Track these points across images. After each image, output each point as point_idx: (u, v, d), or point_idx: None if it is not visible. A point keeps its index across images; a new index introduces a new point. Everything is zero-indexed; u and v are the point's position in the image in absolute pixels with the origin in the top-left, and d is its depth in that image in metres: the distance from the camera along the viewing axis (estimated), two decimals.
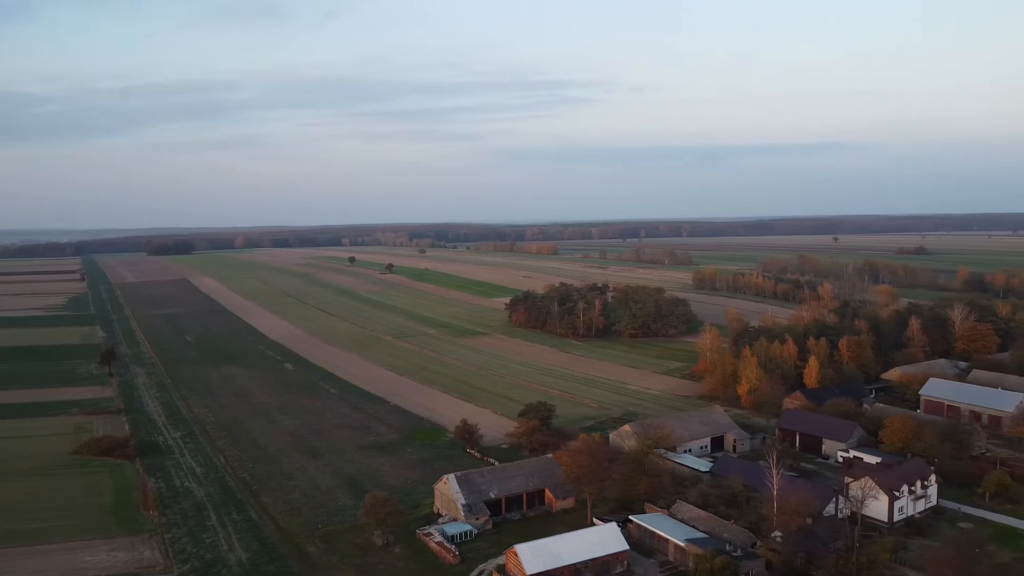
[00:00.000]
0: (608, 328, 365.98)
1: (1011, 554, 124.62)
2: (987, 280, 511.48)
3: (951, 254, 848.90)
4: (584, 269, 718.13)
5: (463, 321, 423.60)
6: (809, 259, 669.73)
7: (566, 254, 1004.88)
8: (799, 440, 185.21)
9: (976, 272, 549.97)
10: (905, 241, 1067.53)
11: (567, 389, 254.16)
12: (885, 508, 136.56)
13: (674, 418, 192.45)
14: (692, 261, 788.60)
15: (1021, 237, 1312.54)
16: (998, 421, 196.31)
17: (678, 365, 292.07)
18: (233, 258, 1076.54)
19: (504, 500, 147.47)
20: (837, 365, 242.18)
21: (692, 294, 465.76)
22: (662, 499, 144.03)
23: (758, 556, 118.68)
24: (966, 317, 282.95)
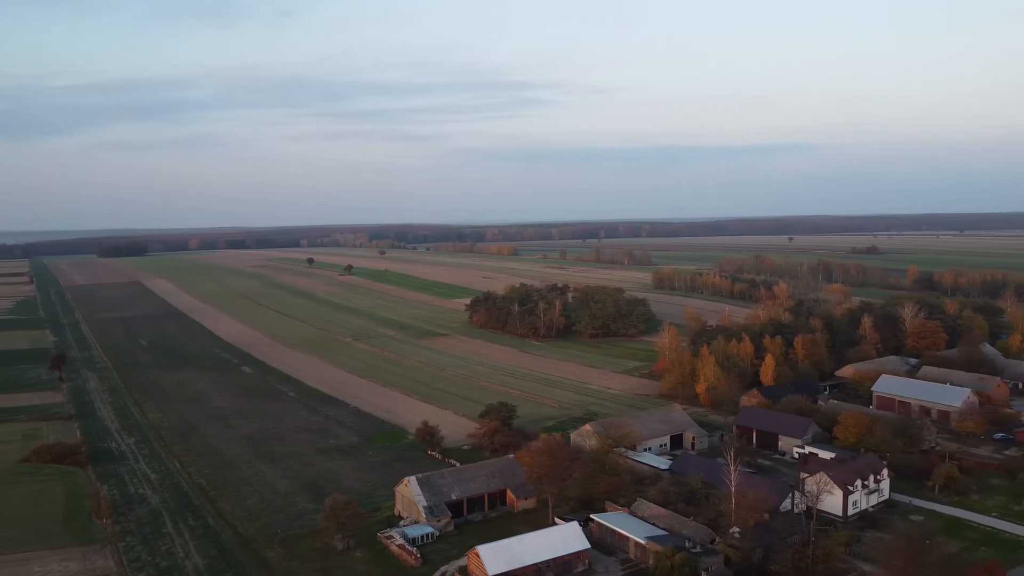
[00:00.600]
0: (568, 328, 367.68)
1: (959, 544, 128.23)
2: (936, 279, 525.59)
3: (901, 254, 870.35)
4: (544, 270, 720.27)
5: (423, 322, 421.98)
6: (765, 259, 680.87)
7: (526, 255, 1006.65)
8: (756, 437, 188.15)
9: (925, 271, 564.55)
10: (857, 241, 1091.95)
11: (528, 389, 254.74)
12: (840, 502, 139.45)
13: (634, 417, 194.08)
14: (651, 261, 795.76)
15: (967, 237, 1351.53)
16: (947, 416, 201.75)
17: (638, 364, 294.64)
18: (188, 260, 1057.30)
19: (466, 501, 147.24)
20: (792, 363, 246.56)
21: (651, 294, 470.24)
22: (623, 497, 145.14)
23: (717, 552, 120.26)
24: (916, 315, 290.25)
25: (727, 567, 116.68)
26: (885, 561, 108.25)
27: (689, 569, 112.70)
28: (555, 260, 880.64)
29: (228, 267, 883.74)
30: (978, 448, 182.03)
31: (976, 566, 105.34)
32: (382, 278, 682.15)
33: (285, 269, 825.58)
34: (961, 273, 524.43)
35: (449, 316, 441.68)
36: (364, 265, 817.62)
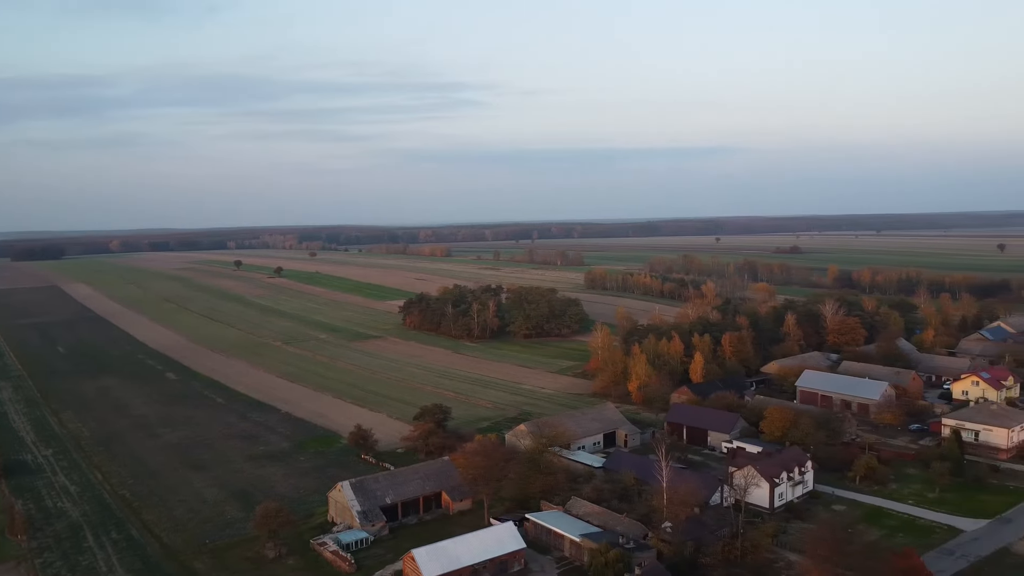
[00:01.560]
0: (502, 329, 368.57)
1: (878, 532, 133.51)
2: (854, 277, 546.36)
3: (822, 253, 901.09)
4: (478, 271, 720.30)
5: (356, 325, 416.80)
6: (693, 259, 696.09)
7: (459, 256, 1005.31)
8: (686, 433, 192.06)
9: (845, 270, 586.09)
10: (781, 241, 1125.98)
11: (462, 391, 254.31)
12: (766, 495, 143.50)
13: (568, 416, 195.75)
14: (583, 262, 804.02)
15: (884, 237, 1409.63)
16: (866, 409, 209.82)
17: (571, 364, 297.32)
18: (108, 263, 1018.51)
19: (400, 505, 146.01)
20: (720, 360, 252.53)
21: (584, 294, 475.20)
22: (557, 496, 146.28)
23: (650, 547, 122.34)
24: (836, 312, 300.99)
25: (659, 561, 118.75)
26: (810, 550, 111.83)
27: (623, 565, 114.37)
28: (489, 261, 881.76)
29: (151, 270, 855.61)
30: (895, 439, 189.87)
31: (894, 552, 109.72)
32: (313, 280, 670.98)
33: (211, 272, 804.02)
34: (878, 271, 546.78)
35: (382, 318, 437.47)
36: (294, 267, 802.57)
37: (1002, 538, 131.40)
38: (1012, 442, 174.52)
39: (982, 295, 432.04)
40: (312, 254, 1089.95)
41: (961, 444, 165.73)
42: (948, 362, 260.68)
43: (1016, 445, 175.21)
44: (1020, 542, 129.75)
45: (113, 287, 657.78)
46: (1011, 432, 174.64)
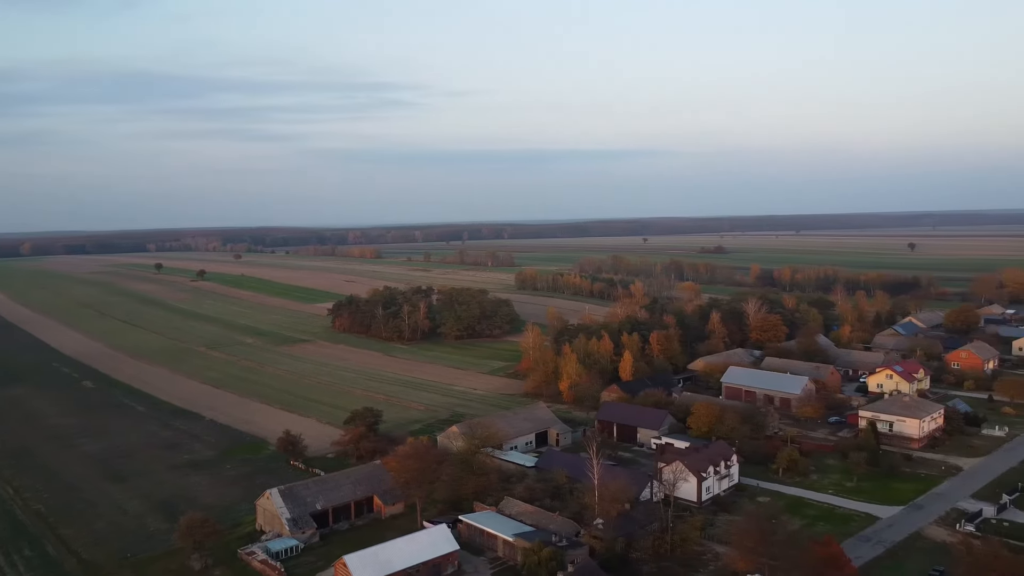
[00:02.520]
0: (434, 330, 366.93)
1: (800, 521, 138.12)
2: (775, 275, 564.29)
3: (745, 253, 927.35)
4: (408, 272, 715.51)
5: (284, 328, 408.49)
6: (622, 259, 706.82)
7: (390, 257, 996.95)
8: (616, 430, 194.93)
9: (766, 269, 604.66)
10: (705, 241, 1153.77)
11: (394, 393, 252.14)
12: (694, 489, 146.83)
13: (500, 416, 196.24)
14: (514, 262, 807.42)
15: (803, 236, 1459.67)
16: (788, 403, 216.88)
17: (503, 364, 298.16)
18: (19, 267, 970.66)
19: (332, 511, 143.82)
20: (649, 358, 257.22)
21: (515, 295, 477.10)
22: (490, 497, 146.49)
23: (582, 544, 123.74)
24: (759, 310, 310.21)
25: (592, 558, 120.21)
26: (736, 542, 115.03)
27: (556, 563, 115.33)
28: (419, 262, 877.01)
29: (66, 274, 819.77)
30: (815, 431, 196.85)
31: (815, 540, 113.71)
32: (238, 283, 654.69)
33: (131, 275, 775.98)
34: (797, 270, 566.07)
35: (310, 321, 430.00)
36: (218, 270, 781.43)
37: (914, 523, 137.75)
38: (923, 432, 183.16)
39: (894, 292, 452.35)
40: (237, 256, 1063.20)
41: (877, 435, 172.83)
42: (864, 357, 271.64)
43: (927, 435, 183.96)
44: (930, 526, 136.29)
45: (24, 292, 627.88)
46: (922, 423, 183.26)
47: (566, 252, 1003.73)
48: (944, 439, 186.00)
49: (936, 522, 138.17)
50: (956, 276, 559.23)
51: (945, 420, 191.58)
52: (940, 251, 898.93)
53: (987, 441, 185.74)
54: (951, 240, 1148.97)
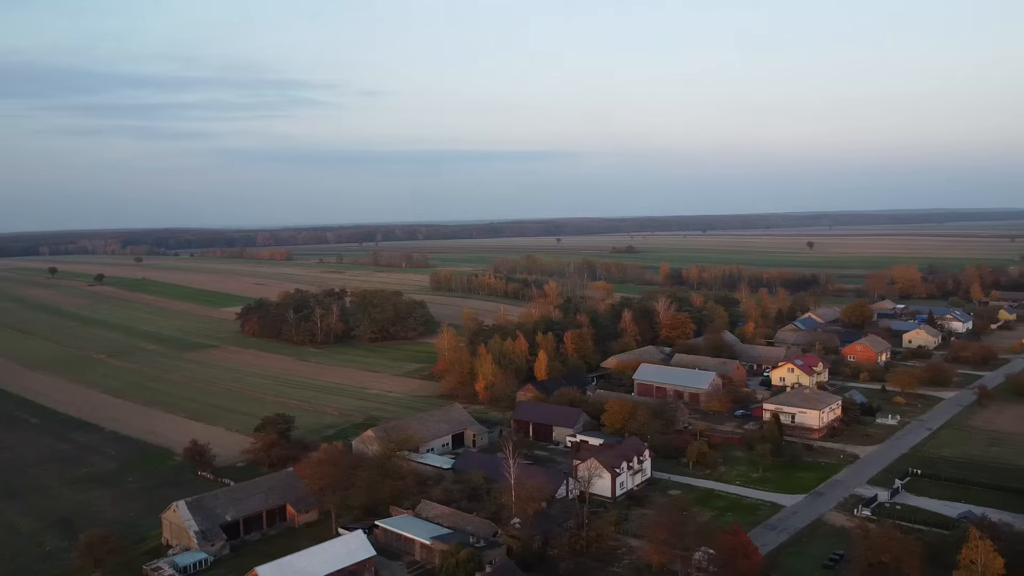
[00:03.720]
0: (347, 333, 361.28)
1: (710, 513, 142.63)
2: (684, 274, 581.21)
3: (655, 252, 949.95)
4: (320, 274, 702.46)
5: (190, 334, 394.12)
6: (536, 259, 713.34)
7: (301, 259, 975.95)
8: (532, 429, 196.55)
9: (675, 268, 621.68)
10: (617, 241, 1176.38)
11: (307, 398, 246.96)
12: (608, 485, 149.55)
13: (416, 419, 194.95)
14: (428, 264, 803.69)
15: (709, 236, 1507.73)
16: (697, 398, 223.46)
17: (418, 366, 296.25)
18: None
19: (243, 521, 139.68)
20: (563, 357, 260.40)
21: (429, 296, 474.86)
22: (407, 500, 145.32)
23: (500, 544, 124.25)
24: (668, 308, 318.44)
25: (510, 557, 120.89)
26: (650, 535, 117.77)
27: (474, 564, 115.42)
28: (332, 264, 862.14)
29: None
30: (723, 425, 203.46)
31: (724, 530, 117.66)
32: (141, 287, 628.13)
33: (22, 280, 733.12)
34: (704, 269, 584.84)
35: (218, 326, 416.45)
36: (118, 274, 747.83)
37: (816, 510, 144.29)
38: (823, 423, 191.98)
39: (795, 289, 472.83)
40: (138, 259, 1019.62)
41: (780, 427, 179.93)
42: (767, 351, 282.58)
43: (826, 425, 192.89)
44: (831, 512, 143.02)
45: None
46: (822, 414, 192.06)
47: (481, 253, 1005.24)
48: (842, 429, 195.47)
49: (836, 508, 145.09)
50: (851, 273, 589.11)
51: (843, 411, 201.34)
52: (836, 250, 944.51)
53: (881, 429, 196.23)
54: (846, 239, 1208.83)
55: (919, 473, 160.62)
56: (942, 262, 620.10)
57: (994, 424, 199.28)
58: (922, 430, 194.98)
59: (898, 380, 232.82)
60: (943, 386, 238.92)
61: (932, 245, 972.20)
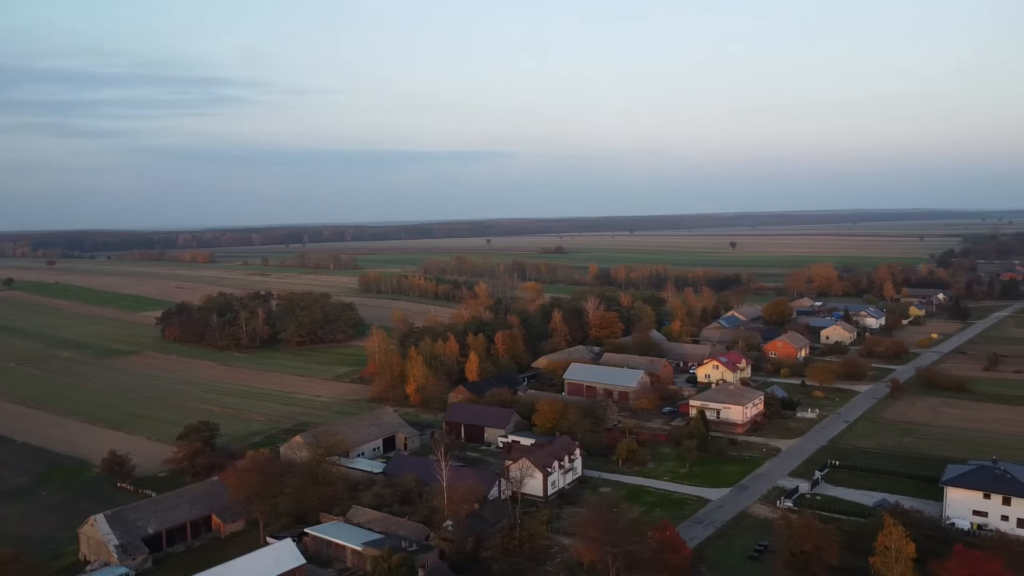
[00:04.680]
0: (274, 337, 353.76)
1: (640, 508, 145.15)
2: (612, 274, 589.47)
3: (583, 253, 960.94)
4: (245, 277, 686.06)
5: (107, 340, 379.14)
6: (466, 260, 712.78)
7: (225, 262, 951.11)
8: (464, 431, 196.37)
9: (604, 268, 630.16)
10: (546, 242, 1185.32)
11: (232, 405, 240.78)
12: (540, 484, 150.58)
13: (346, 423, 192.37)
14: (357, 265, 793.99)
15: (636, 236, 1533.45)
16: (626, 396, 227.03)
17: (348, 370, 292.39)
18: None
19: (165, 533, 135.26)
20: (494, 358, 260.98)
21: (358, 298, 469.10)
22: (338, 506, 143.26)
23: (432, 547, 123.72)
24: (597, 308, 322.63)
25: (442, 560, 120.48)
26: (581, 532, 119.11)
27: (406, 568, 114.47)
28: (257, 266, 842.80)
29: None
30: (651, 422, 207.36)
31: (653, 526, 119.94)
32: (54, 292, 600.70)
33: None
34: (632, 269, 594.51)
35: (138, 331, 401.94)
36: (29, 278, 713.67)
37: (741, 503, 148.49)
38: (746, 418, 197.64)
39: (719, 288, 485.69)
40: (51, 262, 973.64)
41: (706, 422, 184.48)
42: (693, 349, 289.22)
43: (750, 420, 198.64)
44: (755, 505, 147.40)
45: None
46: (745, 409, 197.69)
47: (410, 254, 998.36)
48: (764, 423, 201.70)
49: (759, 500, 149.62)
50: (771, 272, 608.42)
51: (765, 405, 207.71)
52: (757, 250, 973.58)
53: (801, 423, 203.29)
54: (767, 239, 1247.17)
55: (837, 464, 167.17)
56: (857, 261, 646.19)
57: (906, 416, 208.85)
58: (840, 423, 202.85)
59: (816, 375, 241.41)
60: (858, 380, 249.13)
61: (847, 245, 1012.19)
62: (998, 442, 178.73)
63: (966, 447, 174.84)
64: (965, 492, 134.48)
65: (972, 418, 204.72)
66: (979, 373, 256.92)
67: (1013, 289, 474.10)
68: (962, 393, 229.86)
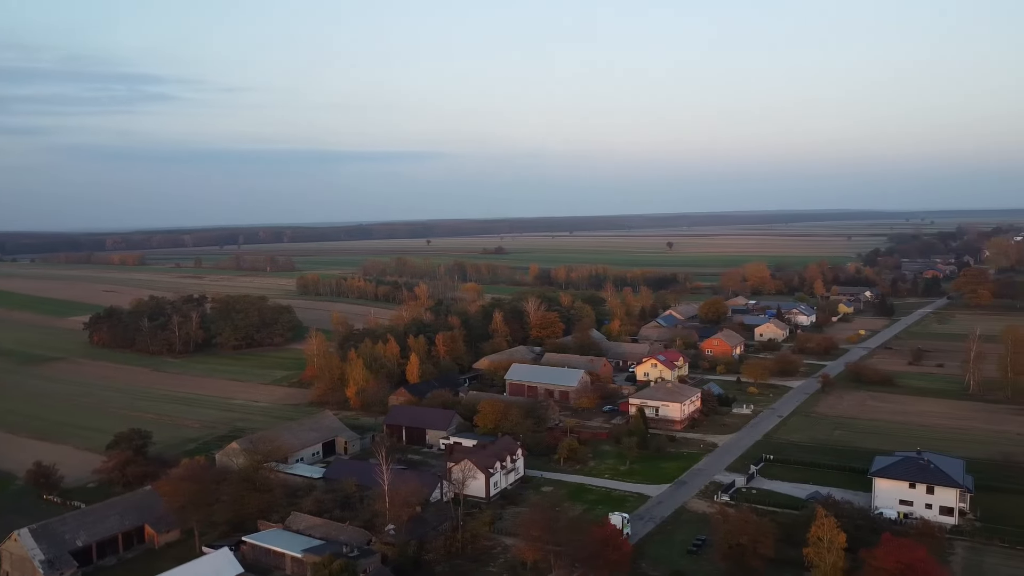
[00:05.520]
0: (208, 342, 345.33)
1: (582, 507, 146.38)
2: (552, 274, 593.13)
3: (524, 253, 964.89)
4: (178, 280, 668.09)
5: (31, 346, 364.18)
6: (406, 261, 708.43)
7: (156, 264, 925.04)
8: (406, 433, 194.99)
9: (544, 268, 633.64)
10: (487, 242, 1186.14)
11: (166, 412, 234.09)
12: (483, 485, 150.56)
13: (284, 428, 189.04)
14: (295, 267, 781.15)
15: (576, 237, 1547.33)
16: (567, 395, 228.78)
17: (286, 374, 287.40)
18: None
19: (95, 546, 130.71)
20: (435, 359, 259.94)
21: (296, 300, 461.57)
22: (276, 513, 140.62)
23: (374, 552, 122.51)
24: (538, 308, 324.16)
25: (384, 564, 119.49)
26: (523, 532, 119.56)
27: (348, 574, 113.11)
28: (190, 269, 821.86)
29: None
30: (592, 420, 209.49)
31: (595, 523, 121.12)
32: None
33: None
34: (572, 269, 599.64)
35: (64, 337, 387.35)
36: None
37: (679, 498, 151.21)
38: (684, 415, 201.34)
39: (656, 287, 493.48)
40: None
41: (645, 420, 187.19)
42: (632, 348, 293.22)
43: (687, 417, 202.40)
44: (693, 500, 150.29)
45: None
46: (683, 406, 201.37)
47: (350, 255, 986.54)
48: (702, 419, 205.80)
49: (697, 495, 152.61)
50: (707, 272, 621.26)
51: (702, 402, 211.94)
52: (694, 249, 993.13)
53: (737, 419, 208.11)
54: (703, 239, 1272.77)
55: (771, 458, 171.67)
56: (788, 260, 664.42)
57: (836, 410, 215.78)
58: (773, 418, 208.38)
59: (751, 372, 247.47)
60: (791, 376, 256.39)
61: (780, 244, 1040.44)
62: (922, 434, 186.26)
63: (893, 439, 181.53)
64: (892, 483, 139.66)
65: (898, 411, 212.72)
66: (904, 367, 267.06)
67: (935, 286, 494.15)
68: (889, 387, 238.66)
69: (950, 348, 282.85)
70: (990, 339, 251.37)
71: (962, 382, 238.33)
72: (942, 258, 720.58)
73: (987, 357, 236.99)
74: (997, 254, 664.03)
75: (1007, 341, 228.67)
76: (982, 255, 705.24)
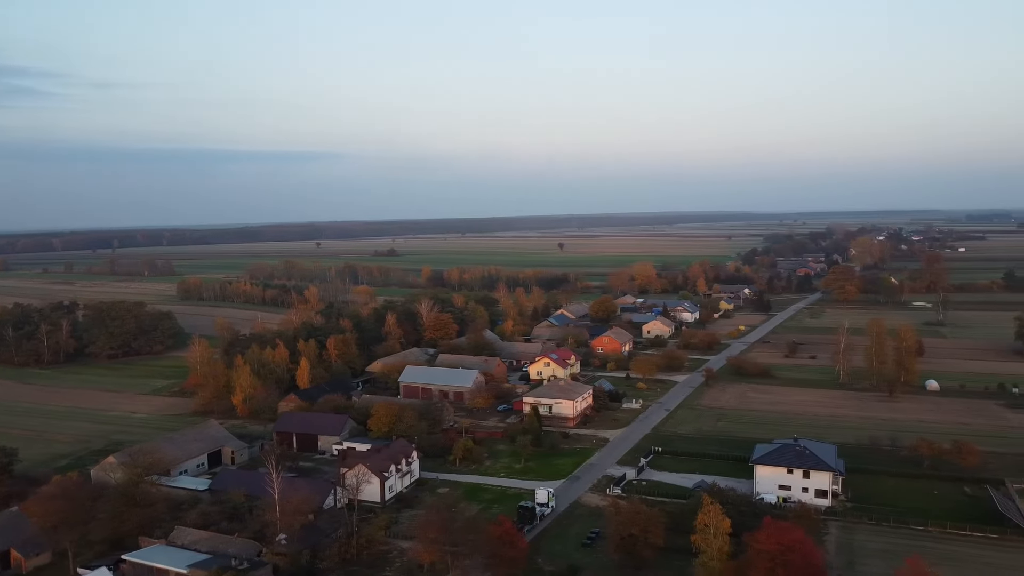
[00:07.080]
0: (81, 351, 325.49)
1: (478, 506, 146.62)
2: (445, 276, 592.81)
3: (416, 255, 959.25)
4: (46, 286, 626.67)
5: None
6: (295, 264, 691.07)
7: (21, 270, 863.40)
8: (296, 440, 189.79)
9: (437, 270, 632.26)
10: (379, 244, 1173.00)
11: (34, 427, 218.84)
12: (377, 489, 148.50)
13: (166, 440, 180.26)
14: (175, 271, 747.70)
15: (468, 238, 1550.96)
16: (461, 396, 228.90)
17: (167, 383, 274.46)
18: None
19: None
20: (327, 364, 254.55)
21: (177, 306, 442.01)
22: (159, 529, 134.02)
23: (265, 563, 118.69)
24: (431, 310, 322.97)
25: (276, 575, 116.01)
26: (420, 535, 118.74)
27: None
28: (59, 274, 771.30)
29: None
30: (487, 420, 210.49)
31: (491, 522, 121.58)
32: None
33: None
34: (465, 270, 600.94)
35: None
36: None
37: (574, 493, 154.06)
38: (577, 411, 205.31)
39: (548, 287, 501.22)
40: None
41: (539, 418, 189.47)
42: (525, 347, 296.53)
43: (580, 413, 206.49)
44: (587, 494, 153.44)
45: None
46: (575, 403, 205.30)
47: (235, 259, 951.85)
48: (594, 416, 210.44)
49: (591, 489, 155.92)
50: (597, 271, 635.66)
51: (593, 399, 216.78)
52: (584, 250, 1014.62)
53: (627, 414, 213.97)
54: (592, 240, 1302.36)
55: (660, 451, 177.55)
56: (673, 260, 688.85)
57: (719, 402, 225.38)
58: (661, 411, 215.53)
59: (640, 368, 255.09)
60: (677, 371, 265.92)
61: (664, 245, 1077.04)
62: (798, 422, 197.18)
63: (772, 428, 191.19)
64: (771, 469, 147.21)
65: (776, 401, 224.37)
66: (780, 360, 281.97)
67: (807, 283, 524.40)
68: (767, 379, 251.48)
69: (822, 341, 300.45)
70: (857, 331, 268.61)
71: (833, 372, 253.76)
72: (813, 257, 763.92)
73: (855, 348, 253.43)
74: (862, 252, 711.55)
75: (872, 333, 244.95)
76: (849, 253, 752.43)
